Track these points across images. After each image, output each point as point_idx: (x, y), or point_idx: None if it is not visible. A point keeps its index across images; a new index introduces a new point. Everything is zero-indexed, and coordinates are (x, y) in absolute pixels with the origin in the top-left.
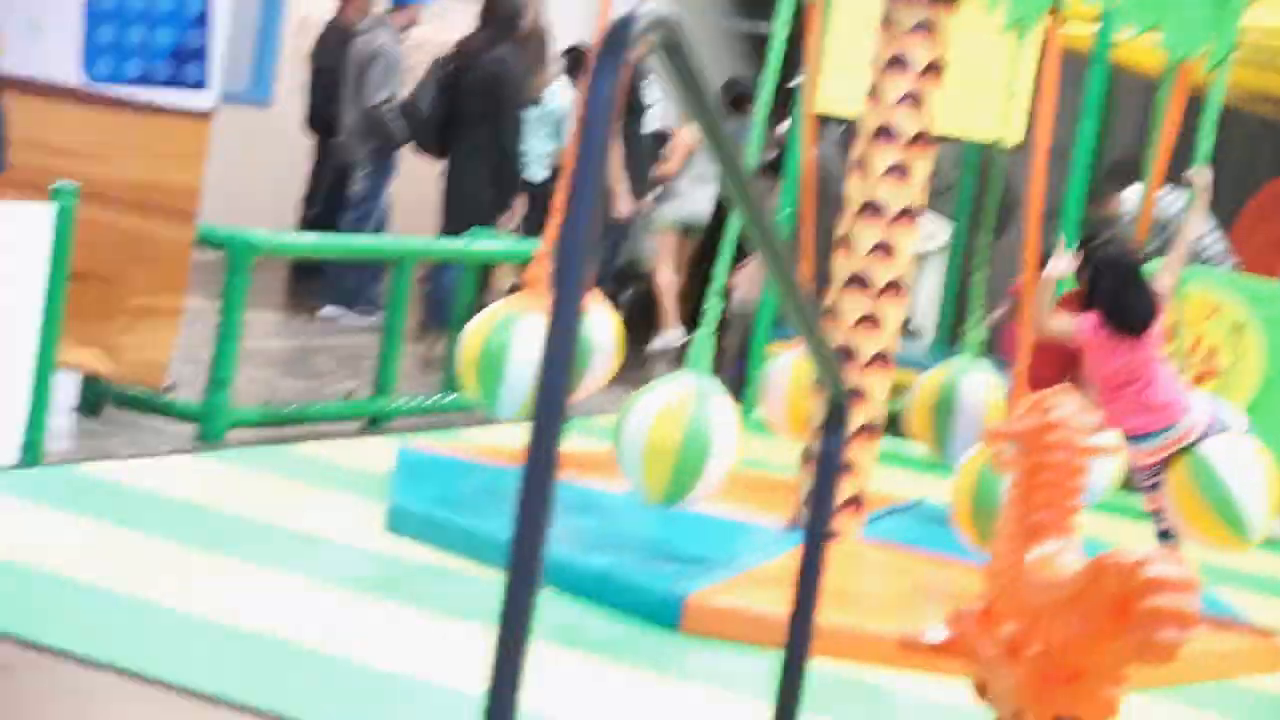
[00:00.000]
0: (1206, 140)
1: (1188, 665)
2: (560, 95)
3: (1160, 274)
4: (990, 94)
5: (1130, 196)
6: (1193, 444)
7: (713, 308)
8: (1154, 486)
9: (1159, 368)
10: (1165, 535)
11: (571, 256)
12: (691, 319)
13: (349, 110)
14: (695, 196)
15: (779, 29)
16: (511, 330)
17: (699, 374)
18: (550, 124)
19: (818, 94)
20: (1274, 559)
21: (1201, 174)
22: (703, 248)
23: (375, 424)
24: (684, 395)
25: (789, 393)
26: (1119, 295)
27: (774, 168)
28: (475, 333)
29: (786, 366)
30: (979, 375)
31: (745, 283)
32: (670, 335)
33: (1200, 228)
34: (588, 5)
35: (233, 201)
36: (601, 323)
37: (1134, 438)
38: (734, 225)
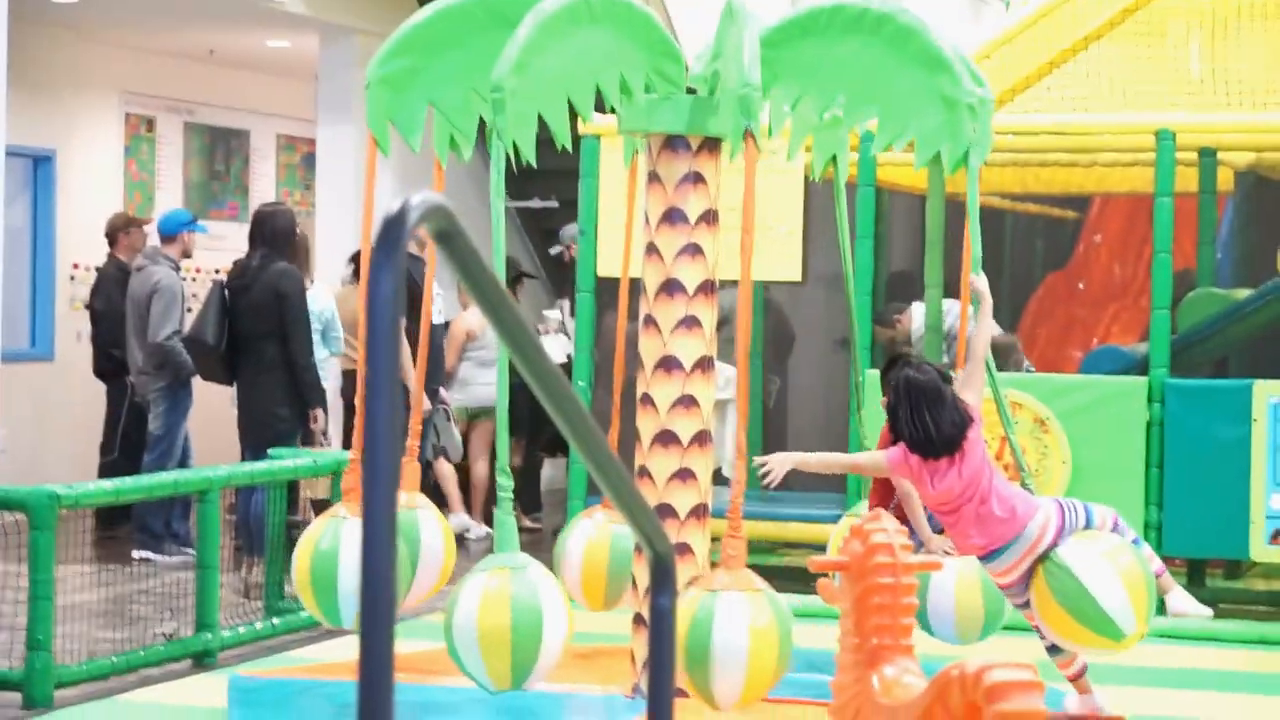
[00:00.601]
0: (974, 245)
1: None
2: (320, 300)
3: (962, 389)
4: (767, 235)
5: (916, 313)
6: (1048, 551)
7: (503, 487)
8: (1026, 604)
9: (990, 480)
10: (1054, 650)
11: (377, 455)
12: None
13: (137, 349)
14: (480, 382)
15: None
16: (338, 538)
17: (510, 552)
18: (317, 331)
19: (598, 258)
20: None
21: (980, 280)
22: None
23: (203, 660)
24: (501, 577)
25: (584, 564)
26: (915, 420)
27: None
28: (304, 548)
29: (580, 537)
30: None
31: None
32: (455, 520)
33: (989, 334)
34: (357, 209)
35: (30, 463)
36: (430, 523)
37: (984, 557)
38: (503, 401)
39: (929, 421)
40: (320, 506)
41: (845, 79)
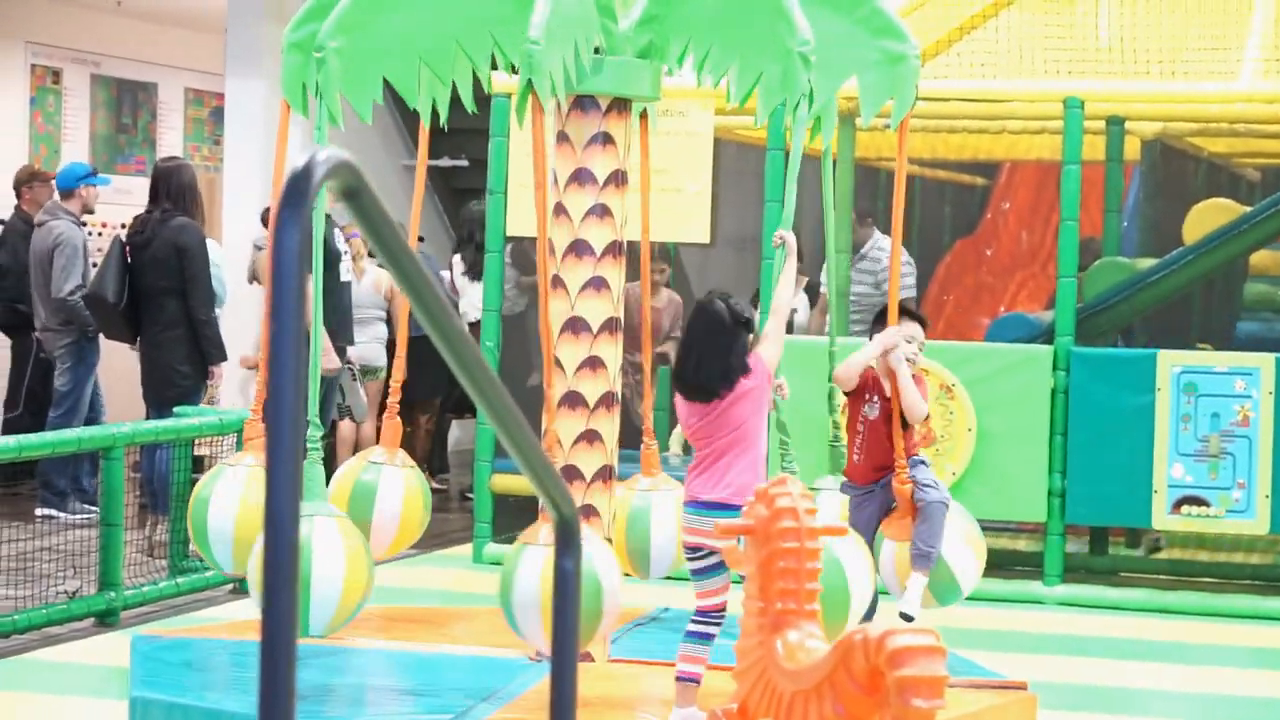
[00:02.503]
0: (789, 202)
1: None
2: (212, 256)
3: (763, 341)
4: (675, 196)
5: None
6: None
7: (311, 438)
8: (699, 573)
9: (746, 442)
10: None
11: (282, 412)
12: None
13: (41, 305)
14: (357, 340)
15: None
16: (212, 485)
17: (314, 501)
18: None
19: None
20: (1004, 615)
21: (789, 235)
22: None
23: (106, 619)
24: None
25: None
26: (684, 354)
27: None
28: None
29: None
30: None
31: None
32: None
33: (792, 289)
34: (266, 164)
35: None
36: (390, 484)
37: (692, 503)
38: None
39: (694, 361)
40: None
41: (715, 31)
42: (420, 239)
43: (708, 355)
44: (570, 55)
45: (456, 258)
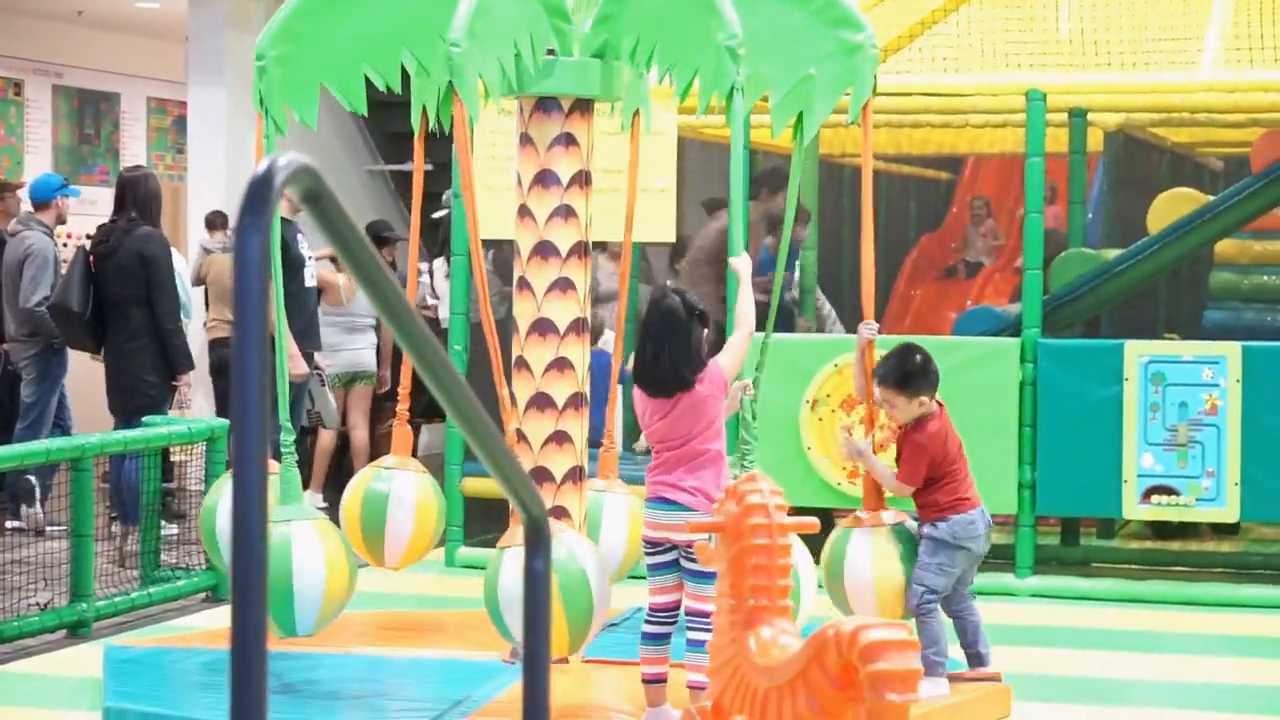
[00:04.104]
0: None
1: None
2: (175, 266)
3: (724, 350)
4: (640, 195)
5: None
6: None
7: (286, 443)
8: (655, 568)
9: (707, 446)
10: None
11: (247, 420)
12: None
13: (10, 315)
14: (348, 347)
15: None
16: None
17: (291, 504)
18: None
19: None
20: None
21: (740, 262)
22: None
23: (77, 630)
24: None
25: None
26: (646, 347)
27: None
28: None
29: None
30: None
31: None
32: (309, 497)
33: (752, 304)
34: (229, 172)
35: None
36: (406, 492)
37: (656, 500)
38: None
39: (650, 352)
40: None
41: (658, 28)
42: (389, 239)
43: (665, 347)
44: (509, 57)
45: (439, 261)
